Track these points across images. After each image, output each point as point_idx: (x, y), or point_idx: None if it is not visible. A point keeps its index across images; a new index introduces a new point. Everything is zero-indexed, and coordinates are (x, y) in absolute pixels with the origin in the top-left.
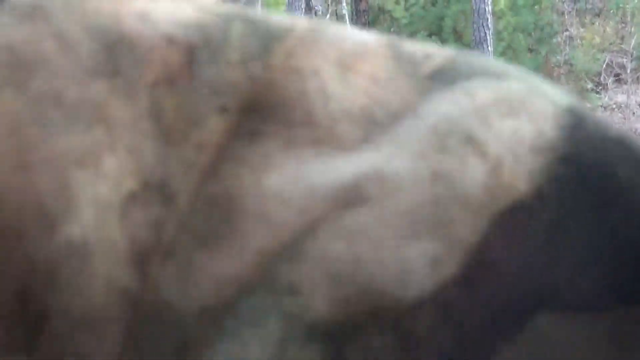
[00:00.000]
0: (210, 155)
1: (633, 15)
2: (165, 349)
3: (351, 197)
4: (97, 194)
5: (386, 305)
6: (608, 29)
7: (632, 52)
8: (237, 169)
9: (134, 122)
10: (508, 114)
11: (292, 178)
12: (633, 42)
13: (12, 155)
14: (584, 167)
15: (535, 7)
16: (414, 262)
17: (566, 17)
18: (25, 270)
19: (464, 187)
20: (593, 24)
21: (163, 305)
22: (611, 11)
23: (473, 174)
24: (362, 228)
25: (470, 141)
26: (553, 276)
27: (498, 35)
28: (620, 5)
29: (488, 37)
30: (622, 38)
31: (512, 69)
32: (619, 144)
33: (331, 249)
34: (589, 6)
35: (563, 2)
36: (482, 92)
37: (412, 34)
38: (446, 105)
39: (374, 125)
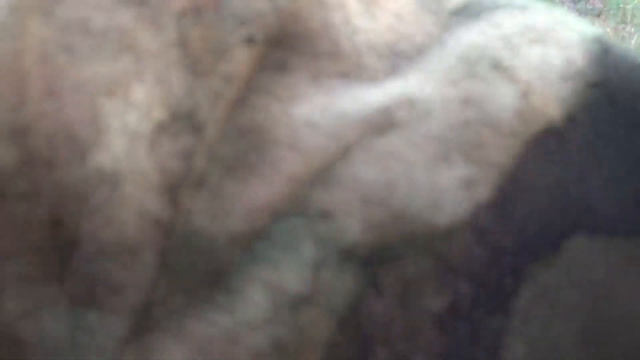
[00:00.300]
0: (238, 87)
1: (633, 16)
2: (197, 276)
3: (382, 122)
4: (126, 123)
5: (420, 230)
6: (608, 30)
7: None
8: (265, 99)
9: (162, 51)
10: (536, 42)
11: (321, 106)
12: (633, 42)
13: (41, 83)
14: (613, 92)
15: None
16: (447, 186)
17: None
18: (56, 198)
19: (495, 111)
20: (593, 24)
21: (195, 234)
22: (611, 12)
23: (503, 98)
24: (394, 152)
25: (499, 67)
26: (587, 199)
27: None
28: (620, 6)
29: None
30: (622, 38)
31: (537, 4)
32: None
33: (364, 173)
34: (589, 7)
35: (563, 3)
36: (508, 22)
37: None
38: (473, 35)
39: (400, 57)
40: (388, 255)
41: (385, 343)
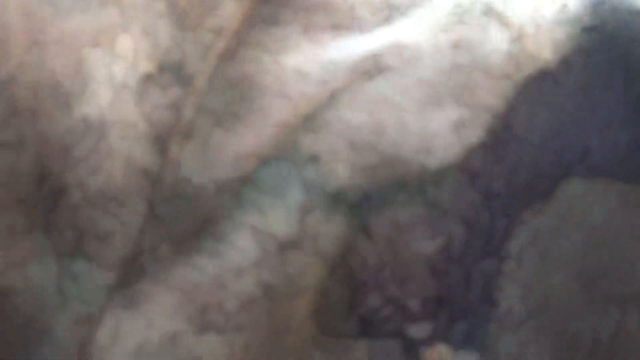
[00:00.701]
0: (227, 40)
1: None
2: (185, 224)
3: (370, 67)
4: (112, 74)
5: (411, 174)
6: None
7: None
8: (255, 52)
9: (148, 3)
10: None
11: (310, 56)
12: None
13: (25, 35)
14: (609, 36)
15: None
16: (437, 129)
17: None
18: (42, 148)
19: (487, 55)
20: None
21: (183, 183)
22: None
23: (495, 42)
24: (383, 97)
25: (492, 13)
26: (583, 143)
27: None
28: None
29: None
30: None
31: None
32: None
33: (352, 117)
34: None
35: None
36: None
37: None
38: None
39: (394, 10)
40: (378, 199)
41: (377, 288)
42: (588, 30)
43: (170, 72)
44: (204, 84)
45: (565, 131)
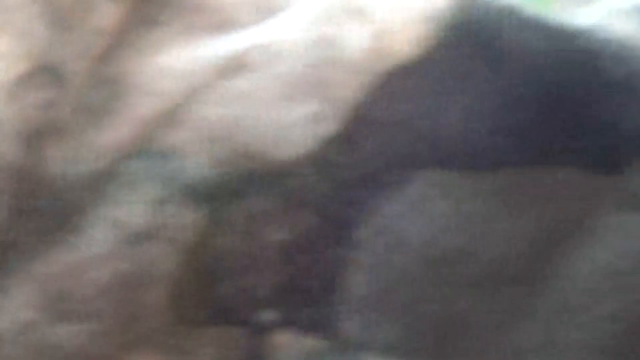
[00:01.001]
0: (105, 41)
1: None
2: (49, 219)
3: (232, 65)
4: None
5: (264, 165)
6: None
7: None
8: (132, 52)
9: (24, 5)
10: None
11: (180, 54)
12: None
13: None
14: (473, 32)
15: None
16: (292, 122)
17: None
18: None
19: (347, 50)
20: None
21: (48, 179)
22: None
23: (357, 39)
24: (242, 92)
25: (357, 11)
26: (440, 134)
27: None
28: None
29: None
30: None
31: None
32: (508, 12)
33: (209, 113)
34: None
35: None
36: None
37: None
38: None
39: (269, 11)
40: (233, 191)
41: (229, 277)
42: (452, 27)
43: (45, 72)
44: (80, 84)
45: (421, 123)
